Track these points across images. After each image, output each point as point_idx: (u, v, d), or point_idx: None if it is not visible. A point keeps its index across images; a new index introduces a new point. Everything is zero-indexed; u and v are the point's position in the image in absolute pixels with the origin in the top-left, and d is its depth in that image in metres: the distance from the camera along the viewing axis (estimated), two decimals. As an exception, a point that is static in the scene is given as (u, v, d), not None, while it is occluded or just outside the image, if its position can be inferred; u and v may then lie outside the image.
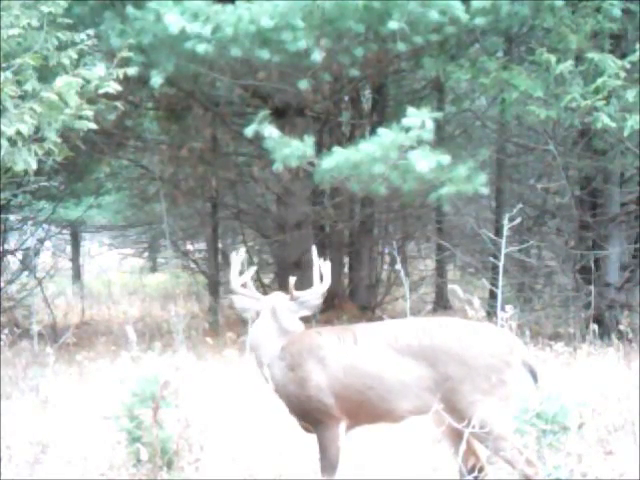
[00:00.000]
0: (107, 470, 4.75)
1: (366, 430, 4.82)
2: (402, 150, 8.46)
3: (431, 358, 4.45)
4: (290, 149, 8.75)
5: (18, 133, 7.37)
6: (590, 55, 8.72)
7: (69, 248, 21.00)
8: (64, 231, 18.64)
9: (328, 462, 4.60)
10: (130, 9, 8.89)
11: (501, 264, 7.38)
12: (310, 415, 4.62)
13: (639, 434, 5.43)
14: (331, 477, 4.60)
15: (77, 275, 19.57)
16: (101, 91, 7.92)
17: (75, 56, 7.95)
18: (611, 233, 10.64)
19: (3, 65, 7.56)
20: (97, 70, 7.94)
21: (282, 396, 4.71)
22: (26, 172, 7.83)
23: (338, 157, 8.67)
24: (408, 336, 4.54)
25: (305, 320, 4.91)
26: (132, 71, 8.14)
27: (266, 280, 14.04)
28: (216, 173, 12.92)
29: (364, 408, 4.56)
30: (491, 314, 8.21)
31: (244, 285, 5.00)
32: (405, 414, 4.54)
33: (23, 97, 7.60)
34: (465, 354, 4.43)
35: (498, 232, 9.65)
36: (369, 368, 4.54)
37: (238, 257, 4.97)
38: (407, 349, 4.50)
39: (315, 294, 4.89)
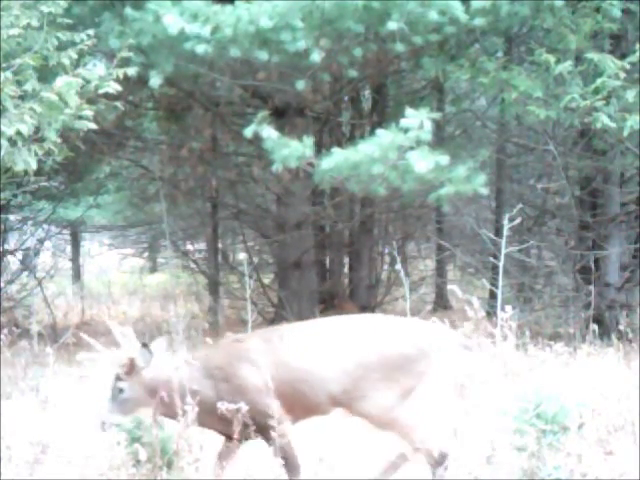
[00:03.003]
0: (107, 470, 4.74)
1: (365, 430, 4.83)
2: (401, 150, 8.45)
3: (348, 353, 4.64)
4: (289, 149, 8.73)
5: (18, 133, 7.36)
6: (590, 55, 8.71)
7: (69, 248, 20.99)
8: (64, 231, 18.61)
9: (291, 463, 4.68)
10: (129, 10, 8.88)
11: (501, 264, 7.39)
12: (256, 422, 4.54)
13: (639, 434, 5.43)
14: (299, 476, 4.68)
15: (77, 275, 19.58)
16: (101, 91, 7.90)
17: (75, 56, 7.93)
18: (611, 233, 10.64)
19: (3, 65, 7.55)
20: (97, 70, 7.93)
21: (216, 419, 4.59)
22: (26, 172, 7.82)
23: (337, 157, 8.65)
24: (329, 333, 4.77)
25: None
26: (132, 71, 8.13)
27: (266, 280, 14.02)
28: (216, 173, 12.91)
29: (298, 402, 4.68)
30: (491, 314, 8.20)
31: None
32: (329, 408, 4.68)
33: (23, 97, 7.58)
34: (377, 349, 4.62)
35: (498, 232, 9.67)
36: (297, 363, 4.67)
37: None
38: (329, 345, 4.70)
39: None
